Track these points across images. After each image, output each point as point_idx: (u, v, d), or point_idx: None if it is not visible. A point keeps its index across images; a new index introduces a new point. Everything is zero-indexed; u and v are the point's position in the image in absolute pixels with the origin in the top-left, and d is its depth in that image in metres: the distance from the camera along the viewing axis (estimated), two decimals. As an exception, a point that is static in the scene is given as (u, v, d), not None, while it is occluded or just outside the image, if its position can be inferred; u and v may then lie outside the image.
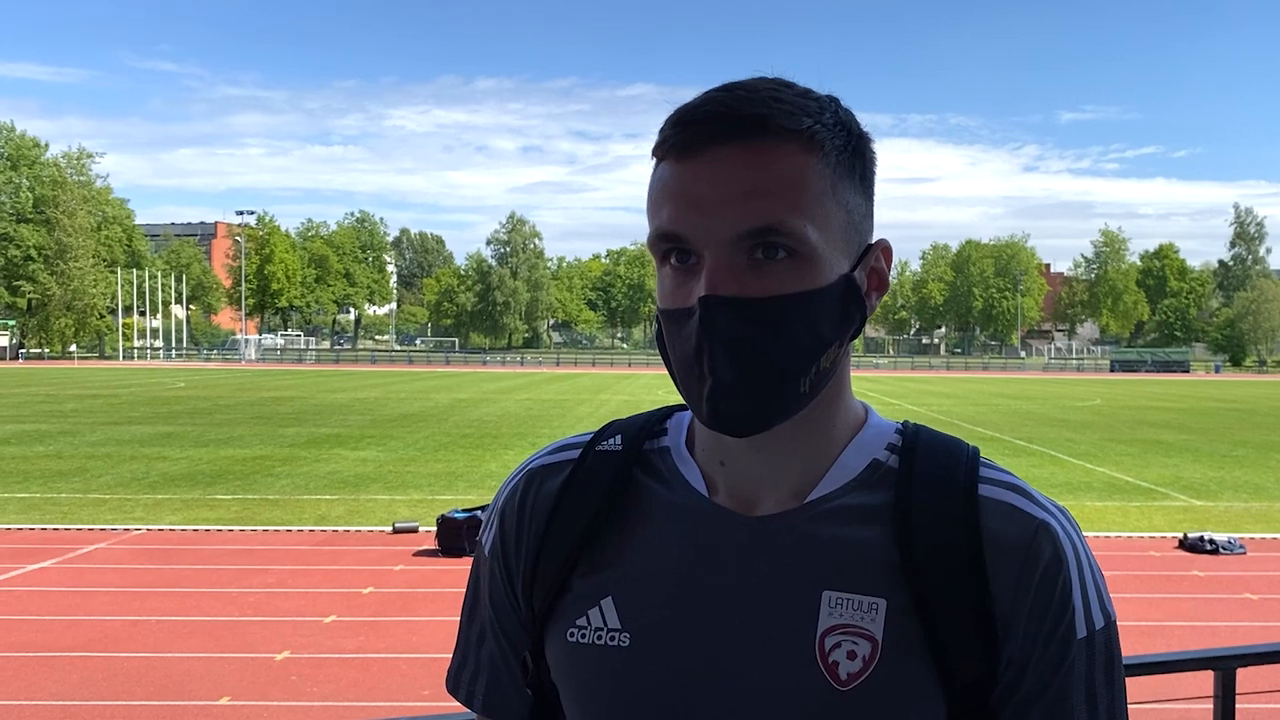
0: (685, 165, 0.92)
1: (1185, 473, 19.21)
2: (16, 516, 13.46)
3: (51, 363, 74.57)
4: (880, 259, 1.00)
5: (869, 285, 0.99)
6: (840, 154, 0.94)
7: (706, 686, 0.94)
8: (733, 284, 0.89)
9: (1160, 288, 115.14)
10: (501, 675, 1.09)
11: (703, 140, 0.91)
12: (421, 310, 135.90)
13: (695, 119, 0.92)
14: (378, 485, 16.48)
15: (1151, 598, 10.20)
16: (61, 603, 9.46)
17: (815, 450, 1.00)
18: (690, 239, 0.91)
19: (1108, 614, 0.97)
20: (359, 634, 8.59)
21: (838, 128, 0.95)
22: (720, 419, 0.93)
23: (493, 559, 1.09)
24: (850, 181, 0.95)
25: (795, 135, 0.91)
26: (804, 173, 0.91)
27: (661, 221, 0.93)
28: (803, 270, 0.91)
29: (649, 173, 0.97)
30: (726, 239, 0.90)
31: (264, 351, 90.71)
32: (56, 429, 24.61)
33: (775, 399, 0.92)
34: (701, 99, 0.93)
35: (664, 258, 0.95)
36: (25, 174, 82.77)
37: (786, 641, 0.94)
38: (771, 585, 0.96)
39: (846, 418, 1.02)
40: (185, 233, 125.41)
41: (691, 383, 0.93)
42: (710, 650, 0.95)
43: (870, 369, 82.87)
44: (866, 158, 0.98)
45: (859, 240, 0.97)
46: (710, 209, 0.90)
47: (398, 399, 37.42)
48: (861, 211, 0.97)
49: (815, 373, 0.94)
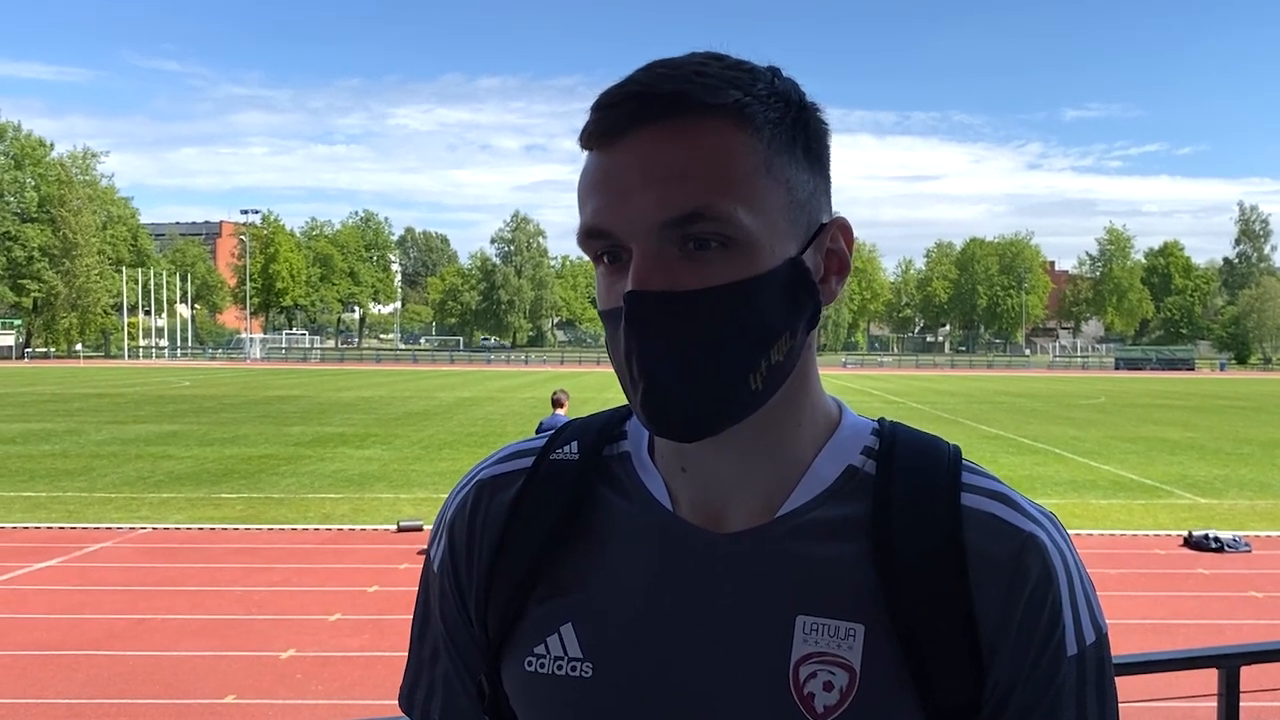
0: (607, 154, 0.84)
1: (1190, 470, 19.18)
2: (23, 515, 13.49)
3: (57, 362, 74.70)
4: (839, 239, 0.91)
5: (827, 269, 0.90)
6: (776, 127, 0.85)
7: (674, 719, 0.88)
8: (662, 278, 0.81)
9: (1165, 285, 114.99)
10: (458, 696, 1.01)
11: (622, 124, 0.83)
12: (426, 309, 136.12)
13: (613, 102, 0.84)
14: (382, 484, 16.51)
15: (1156, 596, 10.19)
16: (67, 601, 9.48)
17: (783, 454, 0.92)
18: (615, 232, 0.83)
19: (1099, 627, 0.91)
20: (364, 632, 8.61)
21: (772, 99, 0.85)
22: (659, 424, 0.85)
23: (443, 575, 1.01)
24: (790, 156, 0.86)
25: (720, 110, 0.82)
26: (731, 150, 0.82)
27: (586, 217, 0.85)
28: (738, 257, 0.82)
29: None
30: (651, 229, 0.81)
31: (269, 350, 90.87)
32: (62, 428, 24.66)
33: (720, 400, 0.84)
34: (622, 80, 0.85)
35: (597, 257, 0.87)
36: (30, 173, 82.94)
37: (758, 671, 0.87)
38: (742, 610, 0.88)
39: (815, 416, 0.94)
40: (190, 232, 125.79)
41: (628, 387, 0.86)
42: (678, 681, 0.88)
43: (875, 367, 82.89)
44: (812, 129, 0.89)
45: (807, 220, 0.87)
46: (631, 198, 0.82)
47: (402, 398, 37.47)
48: (808, 189, 0.88)
49: (767, 368, 0.85)
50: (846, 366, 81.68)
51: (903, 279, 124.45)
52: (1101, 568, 11.07)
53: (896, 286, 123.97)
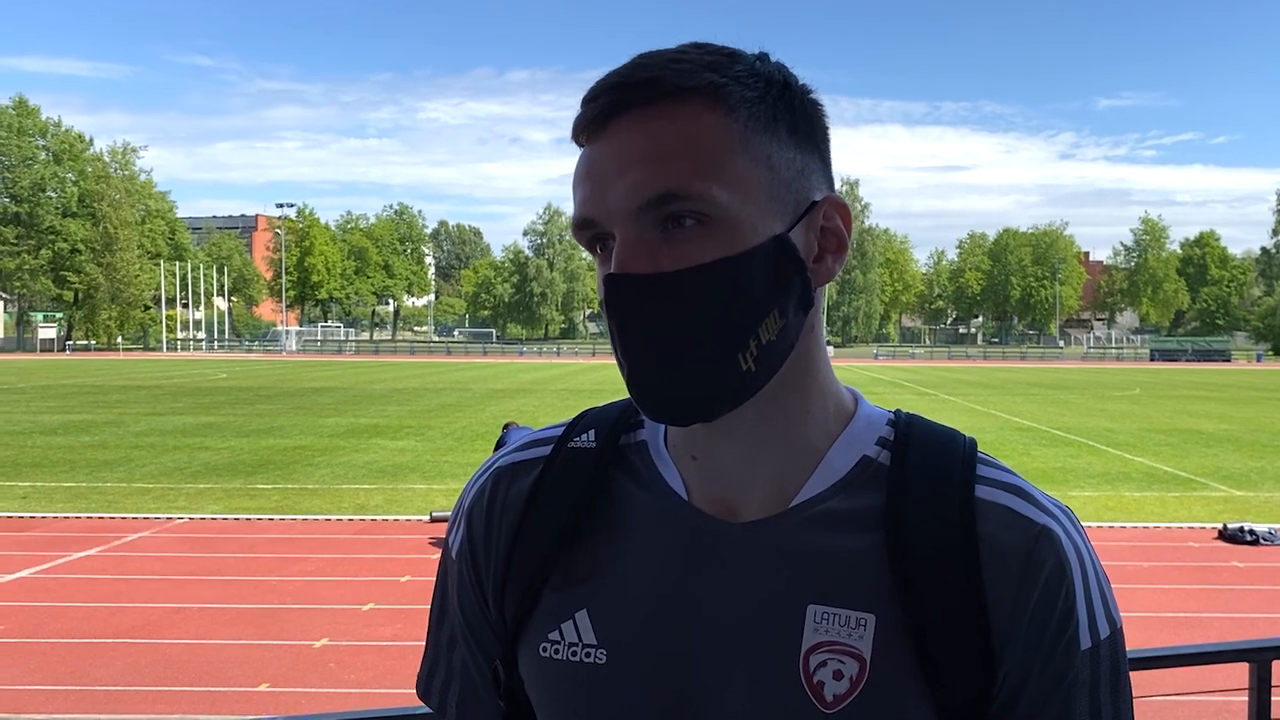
0: (591, 146, 0.86)
1: (1225, 463, 18.98)
2: (64, 505, 13.71)
3: (98, 354, 75.63)
4: (834, 217, 0.90)
5: (823, 248, 0.90)
6: (754, 105, 0.85)
7: (686, 707, 0.89)
8: (643, 261, 0.82)
9: (1201, 276, 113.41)
10: (475, 684, 1.02)
11: (602, 115, 0.85)
12: (459, 301, 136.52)
13: (594, 95, 0.86)
14: (415, 475, 16.63)
15: (1190, 588, 10.11)
16: (106, 590, 9.64)
17: (792, 442, 0.92)
18: (599, 220, 0.85)
19: (1113, 622, 0.90)
20: (396, 621, 8.70)
21: (752, 79, 0.86)
22: (648, 406, 0.86)
23: (461, 562, 1.02)
24: (772, 134, 0.86)
25: (693, 93, 0.83)
26: (705, 130, 0.83)
27: (574, 209, 0.87)
28: (718, 235, 0.83)
29: None
30: (629, 213, 0.83)
31: (304, 343, 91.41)
32: (102, 419, 24.97)
33: (709, 381, 0.84)
34: (604, 75, 0.87)
35: (591, 248, 0.88)
36: (71, 169, 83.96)
37: (769, 660, 0.87)
38: (754, 599, 0.89)
39: (825, 404, 0.94)
40: (226, 225, 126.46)
41: (621, 372, 0.87)
42: (690, 668, 0.89)
43: (906, 359, 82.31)
44: (798, 108, 0.88)
45: (794, 198, 0.87)
46: (610, 185, 0.83)
47: (435, 389, 37.66)
48: (795, 167, 0.87)
49: (757, 348, 0.84)
50: (878, 358, 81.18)
51: (935, 270, 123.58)
52: (1134, 560, 11.01)
53: (928, 278, 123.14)
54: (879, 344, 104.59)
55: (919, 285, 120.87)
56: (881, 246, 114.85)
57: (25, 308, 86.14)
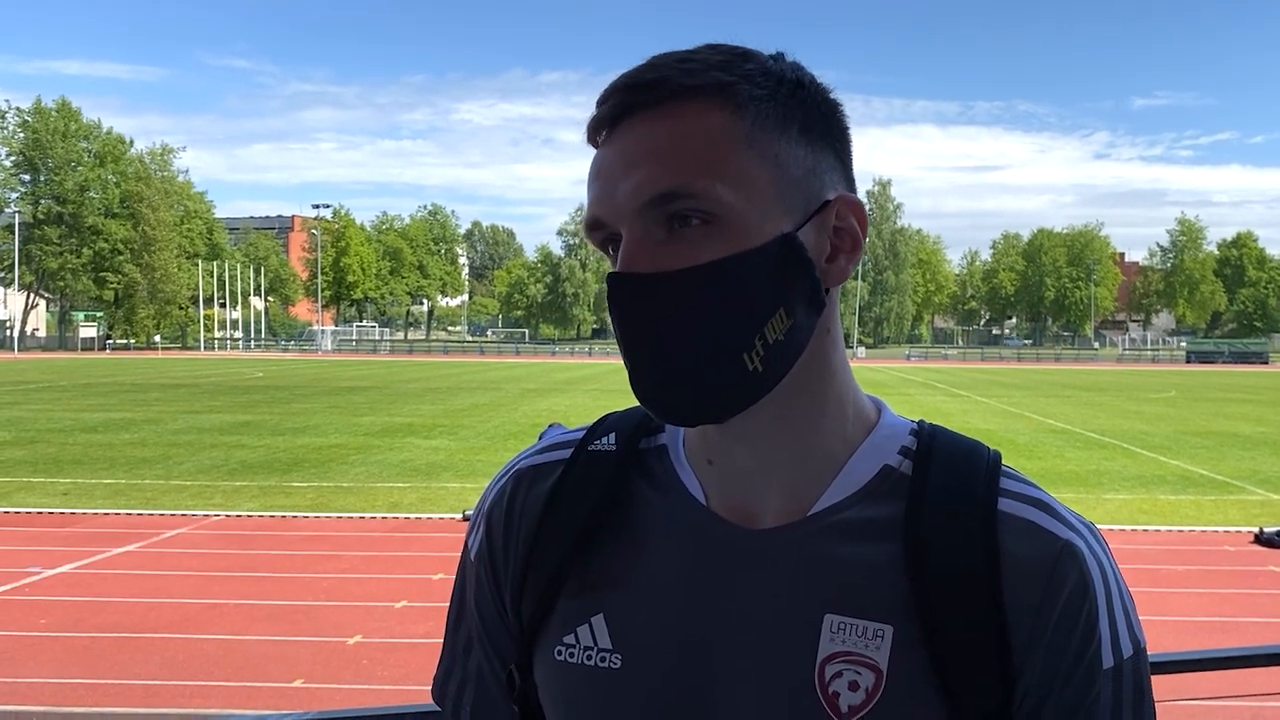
0: (602, 148, 0.87)
1: (1263, 466, 18.73)
2: (103, 502, 13.88)
3: (137, 353, 76.36)
4: (848, 217, 0.89)
5: (836, 248, 0.88)
6: (763, 103, 0.85)
7: (700, 712, 0.88)
8: (647, 260, 0.82)
9: (1238, 277, 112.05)
10: (490, 689, 1.02)
11: (611, 117, 0.85)
12: (492, 301, 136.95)
13: (604, 97, 0.86)
14: (449, 473, 16.70)
15: (1225, 593, 10.01)
16: (144, 586, 9.74)
17: (809, 449, 0.91)
18: (607, 220, 0.85)
19: (1137, 641, 0.88)
20: (429, 619, 8.74)
21: (762, 77, 0.86)
22: (651, 406, 0.86)
23: (479, 564, 1.01)
24: (781, 132, 0.85)
25: (699, 91, 0.83)
26: (709, 129, 0.83)
27: (585, 211, 0.88)
28: (723, 234, 0.82)
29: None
30: (634, 212, 0.83)
31: (339, 342, 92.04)
32: (141, 417, 25.21)
33: (714, 381, 0.83)
34: (616, 77, 0.87)
35: (604, 249, 0.89)
36: (111, 170, 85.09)
37: (784, 669, 0.86)
38: (771, 607, 0.88)
39: (843, 410, 0.93)
40: (263, 226, 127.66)
41: (627, 371, 0.86)
42: (704, 676, 0.88)
43: (939, 360, 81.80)
44: (811, 106, 0.88)
45: (804, 196, 0.86)
46: (617, 186, 0.84)
47: (469, 389, 37.79)
48: (805, 165, 0.86)
49: (764, 348, 0.83)
50: (910, 359, 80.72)
51: (968, 271, 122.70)
52: (1169, 564, 10.92)
53: (961, 278, 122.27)
54: (911, 345, 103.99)
55: (952, 286, 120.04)
56: (914, 247, 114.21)
57: (67, 307, 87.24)
